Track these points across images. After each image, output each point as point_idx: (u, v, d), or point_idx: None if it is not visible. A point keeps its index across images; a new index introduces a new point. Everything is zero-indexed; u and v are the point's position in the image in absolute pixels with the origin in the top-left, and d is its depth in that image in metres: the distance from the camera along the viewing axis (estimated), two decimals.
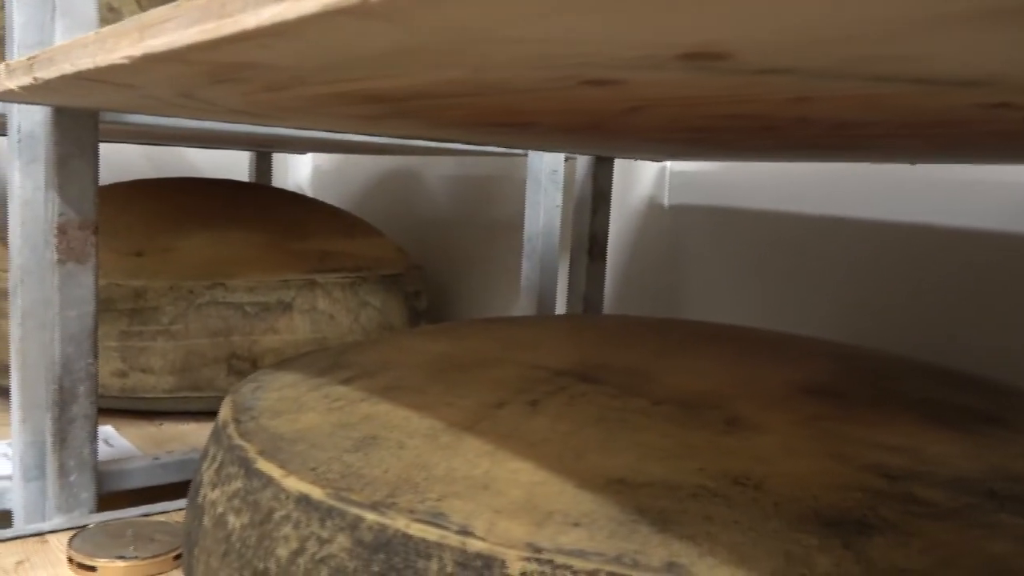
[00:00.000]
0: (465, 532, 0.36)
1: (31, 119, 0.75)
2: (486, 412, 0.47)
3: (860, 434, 0.45)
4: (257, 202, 1.18)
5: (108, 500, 0.85)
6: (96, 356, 0.75)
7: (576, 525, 0.36)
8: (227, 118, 0.66)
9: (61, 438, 0.74)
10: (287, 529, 0.40)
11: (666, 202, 1.14)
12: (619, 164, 1.13)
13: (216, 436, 0.51)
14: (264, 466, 0.44)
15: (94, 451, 0.76)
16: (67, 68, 0.46)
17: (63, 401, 0.74)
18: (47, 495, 0.76)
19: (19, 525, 0.78)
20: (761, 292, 1.04)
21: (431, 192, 1.50)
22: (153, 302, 1.00)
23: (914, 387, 0.54)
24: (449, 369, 0.55)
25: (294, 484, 0.42)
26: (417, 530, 0.37)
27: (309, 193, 1.79)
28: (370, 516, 0.38)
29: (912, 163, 0.81)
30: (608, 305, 1.16)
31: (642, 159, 1.09)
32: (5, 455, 0.88)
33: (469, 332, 0.67)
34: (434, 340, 0.64)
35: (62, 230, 0.72)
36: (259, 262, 1.06)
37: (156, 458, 0.88)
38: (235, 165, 1.69)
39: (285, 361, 0.66)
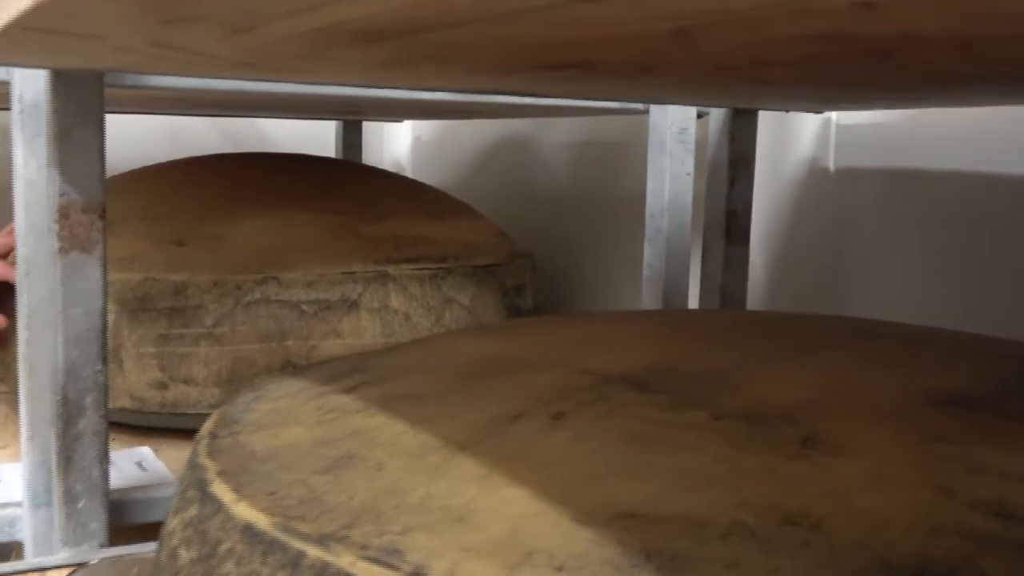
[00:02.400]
0: (418, 575, 0.35)
1: (35, 86, 0.79)
2: (496, 427, 0.46)
3: (989, 459, 0.41)
4: (325, 179, 1.21)
5: (135, 532, 0.89)
6: (106, 362, 0.78)
7: (559, 570, 0.35)
8: (232, 72, 0.68)
9: (66, 458, 0.78)
10: (229, 566, 0.41)
11: (831, 165, 1.09)
12: (766, 118, 1.09)
13: (191, 455, 0.53)
14: (217, 489, 0.45)
15: (104, 473, 0.79)
16: (5, 16, 0.48)
17: (68, 414, 0.78)
18: (54, 525, 0.80)
19: (29, 558, 0.82)
20: (959, 281, 0.98)
21: (547, 163, 1.50)
22: (195, 300, 1.04)
23: None
24: (480, 374, 0.55)
25: (243, 511, 0.42)
26: (362, 570, 0.36)
27: (408, 169, 1.83)
28: (313, 552, 0.38)
29: None
30: (753, 299, 1.12)
31: (793, 109, 1.04)
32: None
33: (535, 330, 0.66)
34: (487, 340, 0.63)
35: (64, 213, 0.76)
36: (320, 251, 1.08)
37: None
38: (320, 138, 1.74)
39: (308, 366, 0.67)
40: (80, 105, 0.76)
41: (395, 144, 1.86)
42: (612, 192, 1.36)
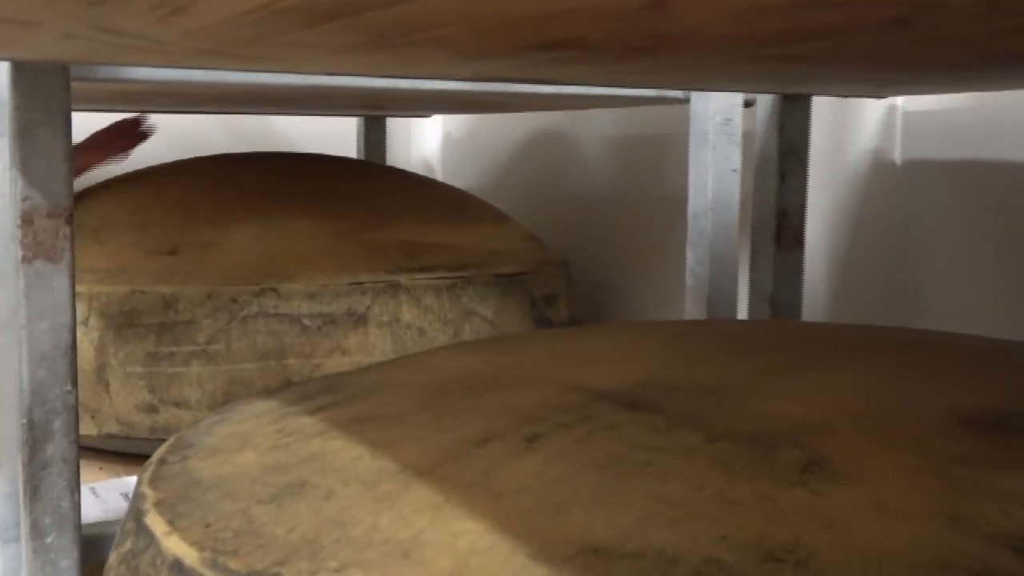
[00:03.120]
0: None
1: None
2: (461, 450, 0.45)
3: (1014, 486, 0.40)
4: (330, 180, 1.22)
5: None
6: (75, 383, 0.79)
7: None
8: (195, 61, 0.69)
9: (33, 487, 0.79)
10: None
11: (898, 157, 1.07)
12: (821, 105, 1.07)
13: (136, 483, 0.53)
14: (152, 521, 0.45)
15: (76, 505, 0.80)
16: None
17: (34, 440, 0.78)
18: (22, 561, 0.81)
19: None
20: None
21: (585, 159, 1.49)
22: (187, 314, 1.05)
23: None
24: (458, 392, 0.54)
25: (173, 545, 0.42)
26: None
27: (438, 168, 1.83)
28: None
29: None
30: (810, 309, 1.10)
31: (849, 94, 1.03)
32: None
33: (529, 345, 0.66)
34: (474, 355, 0.63)
35: (27, 219, 0.77)
36: (324, 259, 1.09)
37: None
38: (340, 136, 1.75)
39: (283, 386, 0.67)
40: (43, 101, 0.76)
41: (423, 142, 1.87)
42: (655, 191, 1.35)
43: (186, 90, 1.01)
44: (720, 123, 1.07)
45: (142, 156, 1.44)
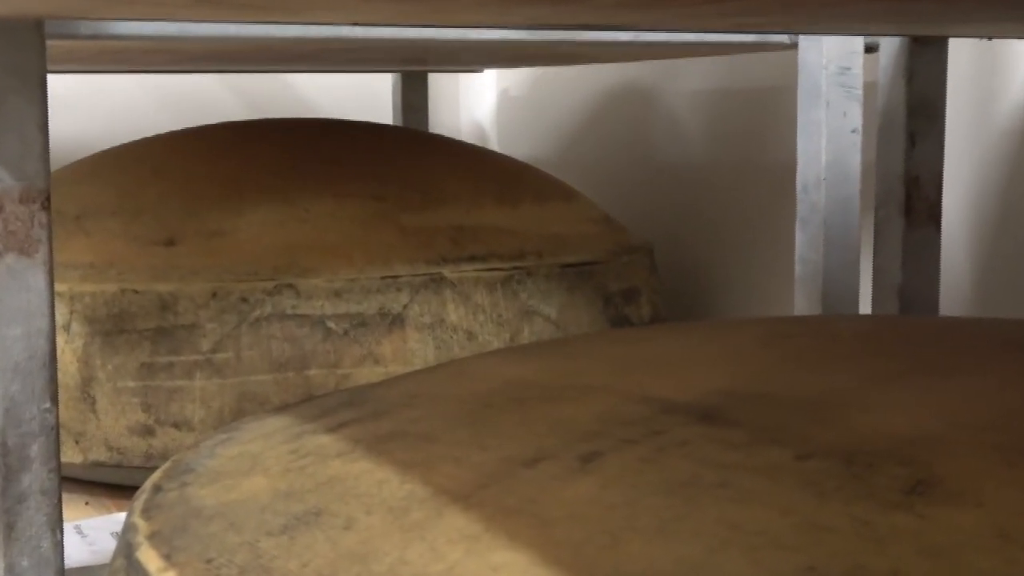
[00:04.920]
0: None
1: None
2: (505, 472, 0.48)
3: None
4: (360, 152, 1.25)
5: None
6: (55, 400, 0.83)
7: None
8: (195, 11, 0.72)
9: (7, 524, 0.83)
10: None
11: None
12: (960, 49, 1.08)
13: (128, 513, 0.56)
14: (144, 556, 0.48)
15: (57, 545, 0.84)
16: None
17: (7, 468, 0.82)
18: None
19: None
20: None
21: (672, 120, 1.51)
22: (188, 317, 1.08)
23: None
24: (503, 405, 0.57)
25: None
26: None
27: (493, 135, 1.86)
28: None
29: None
30: (949, 301, 1.11)
31: (996, 34, 1.03)
32: None
33: (590, 348, 0.68)
34: (521, 361, 0.65)
35: None
36: (352, 248, 1.11)
37: None
38: (371, 97, 1.78)
39: (299, 401, 0.70)
40: (13, 63, 0.80)
41: (474, 102, 1.89)
42: (757, 158, 1.36)
43: (183, 46, 1.05)
44: (835, 73, 1.08)
45: (134, 126, 1.48)
